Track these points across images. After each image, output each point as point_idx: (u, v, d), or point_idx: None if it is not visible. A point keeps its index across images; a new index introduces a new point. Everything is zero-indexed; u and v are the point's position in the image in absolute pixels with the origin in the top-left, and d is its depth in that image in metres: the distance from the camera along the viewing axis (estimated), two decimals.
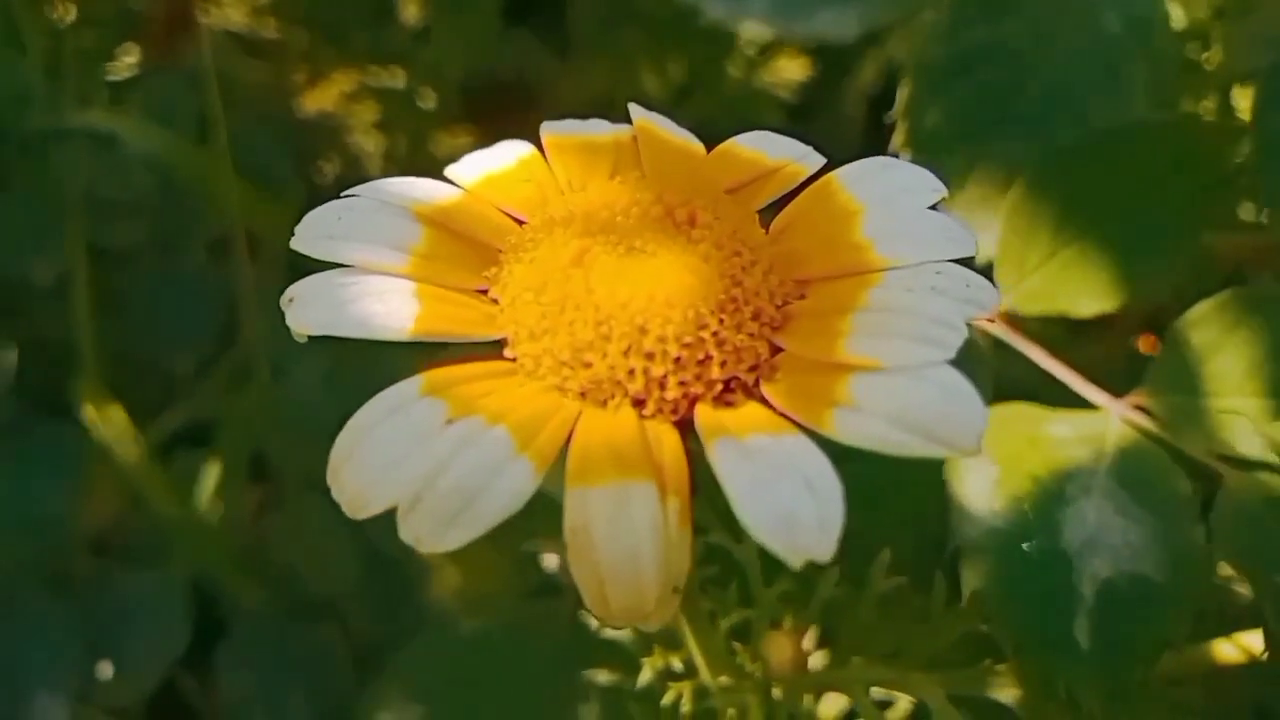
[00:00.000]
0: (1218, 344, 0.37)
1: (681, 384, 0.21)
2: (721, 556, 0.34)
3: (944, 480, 0.35)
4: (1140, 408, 0.37)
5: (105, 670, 0.54)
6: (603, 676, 0.37)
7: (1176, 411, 0.37)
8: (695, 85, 0.72)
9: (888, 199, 0.23)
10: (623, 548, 0.19)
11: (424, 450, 0.20)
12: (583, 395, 0.22)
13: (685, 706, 0.33)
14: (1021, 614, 0.32)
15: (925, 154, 0.42)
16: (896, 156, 0.42)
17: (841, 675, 0.33)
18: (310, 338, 0.22)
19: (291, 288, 0.23)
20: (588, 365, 0.22)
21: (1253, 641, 0.35)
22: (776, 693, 0.33)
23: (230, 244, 0.59)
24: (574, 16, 0.73)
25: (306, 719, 0.58)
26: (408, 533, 0.20)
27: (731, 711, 0.33)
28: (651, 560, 0.19)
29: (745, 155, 0.26)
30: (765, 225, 0.24)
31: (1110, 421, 0.37)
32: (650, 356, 0.21)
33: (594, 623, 0.40)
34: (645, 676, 0.33)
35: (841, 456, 0.40)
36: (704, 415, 0.21)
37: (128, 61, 0.67)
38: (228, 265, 0.60)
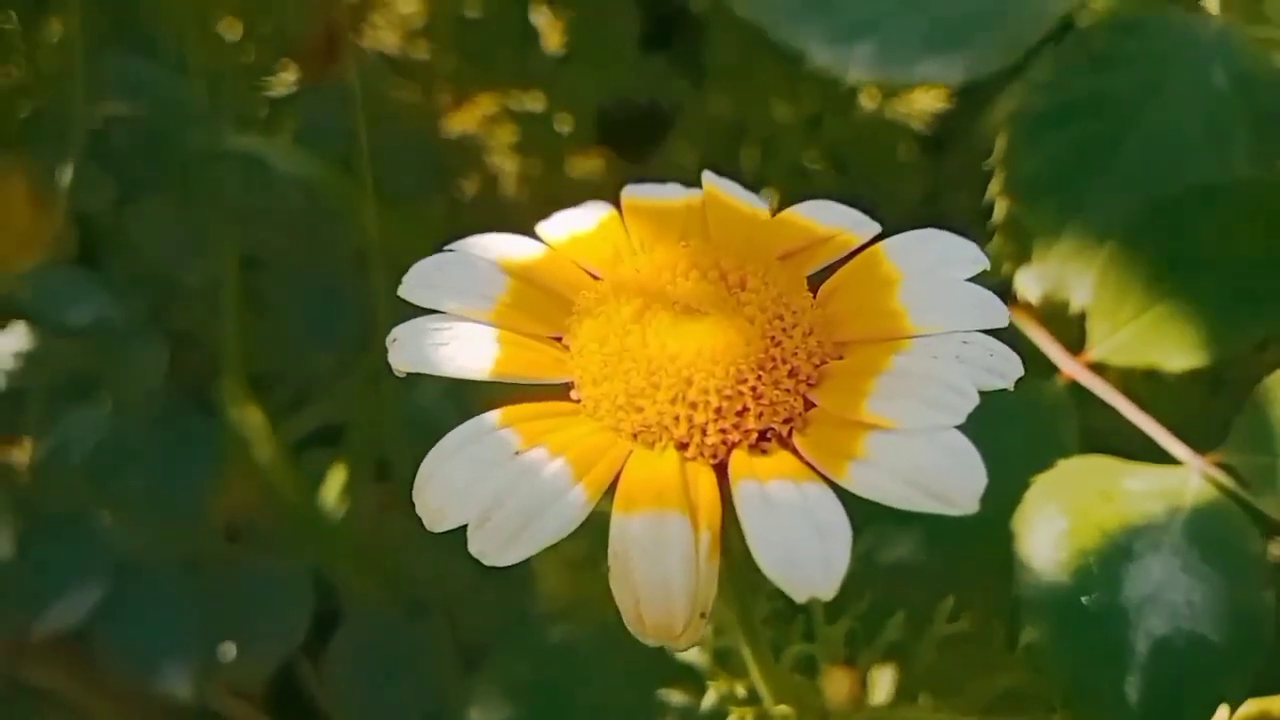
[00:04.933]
0: None
1: (721, 431, 0.24)
2: None
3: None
4: (1222, 465, 0.37)
5: (229, 651, 0.57)
6: (676, 696, 0.39)
7: (1259, 471, 0.37)
8: (827, 114, 0.72)
9: (926, 270, 0.25)
10: (656, 572, 0.22)
11: (495, 475, 0.23)
12: (635, 436, 0.24)
13: None
14: (1073, 666, 0.33)
15: (1022, 202, 0.43)
16: (993, 204, 0.43)
17: (898, 714, 0.34)
18: None
19: (395, 329, 0.26)
20: (640, 410, 0.24)
21: None
22: None
23: (368, 257, 0.63)
24: (709, 45, 0.74)
25: (412, 710, 0.60)
26: (475, 547, 0.23)
27: None
28: (681, 585, 0.22)
29: (801, 223, 0.28)
30: (816, 288, 0.26)
31: (1190, 478, 0.37)
32: (693, 405, 0.24)
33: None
34: (710, 699, 0.35)
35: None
36: (738, 460, 0.23)
37: (286, 79, 0.71)
38: (366, 277, 0.64)
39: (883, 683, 0.37)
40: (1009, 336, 0.26)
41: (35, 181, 0.59)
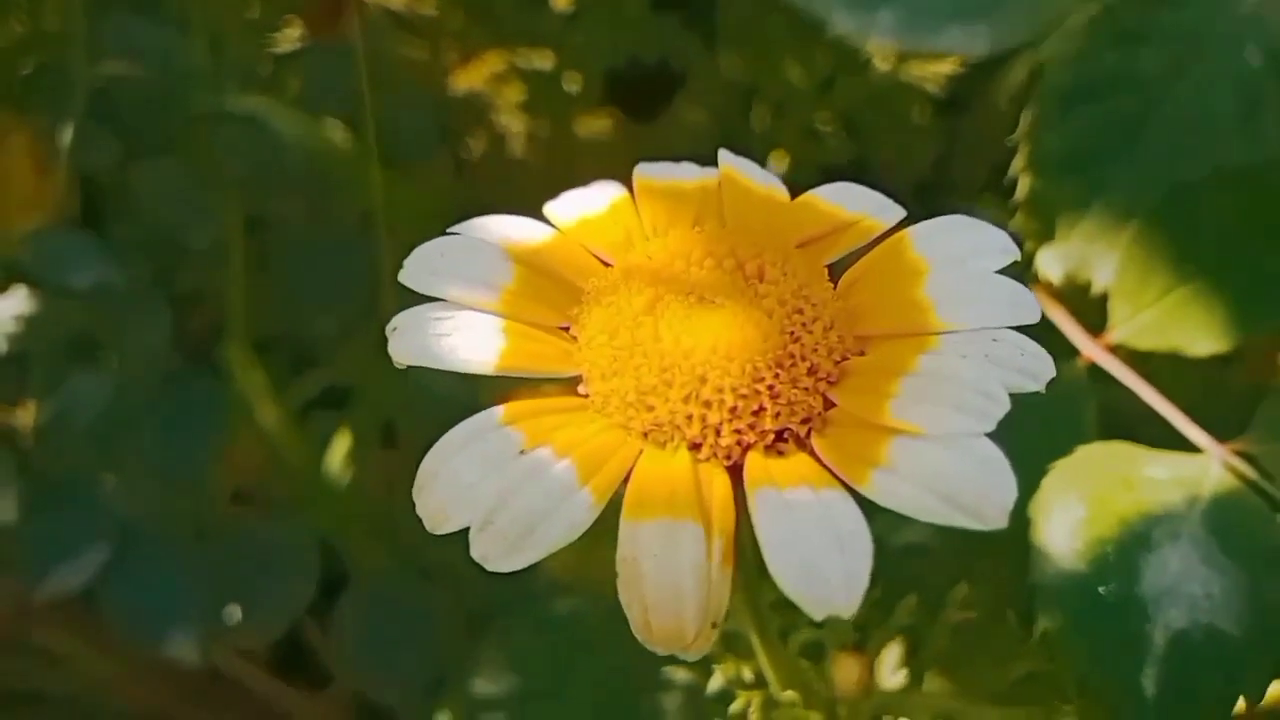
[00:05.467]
0: None
1: (736, 432, 0.23)
2: None
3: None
4: (1243, 454, 0.36)
5: (235, 614, 0.57)
6: (681, 674, 0.39)
7: None
8: (840, 76, 0.71)
9: (954, 260, 0.24)
10: (667, 581, 0.21)
11: (498, 476, 0.22)
12: (645, 435, 0.23)
13: (754, 715, 0.34)
14: (1089, 657, 0.33)
15: (1045, 179, 0.42)
16: (1015, 179, 0.42)
17: (906, 700, 0.34)
18: None
19: (395, 318, 0.25)
20: (651, 408, 0.23)
21: None
22: (842, 712, 0.34)
23: (374, 218, 0.62)
24: (721, 5, 0.73)
25: (418, 674, 0.60)
26: (477, 551, 0.22)
27: None
28: (692, 595, 0.21)
29: (823, 208, 0.27)
30: (836, 277, 0.25)
31: (1210, 466, 0.36)
32: (707, 405, 0.23)
33: None
34: (716, 682, 0.35)
35: None
36: (753, 463, 0.22)
37: (291, 35, 0.70)
38: (372, 238, 0.63)
39: (892, 668, 0.37)
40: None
41: (37, 142, 0.58)
